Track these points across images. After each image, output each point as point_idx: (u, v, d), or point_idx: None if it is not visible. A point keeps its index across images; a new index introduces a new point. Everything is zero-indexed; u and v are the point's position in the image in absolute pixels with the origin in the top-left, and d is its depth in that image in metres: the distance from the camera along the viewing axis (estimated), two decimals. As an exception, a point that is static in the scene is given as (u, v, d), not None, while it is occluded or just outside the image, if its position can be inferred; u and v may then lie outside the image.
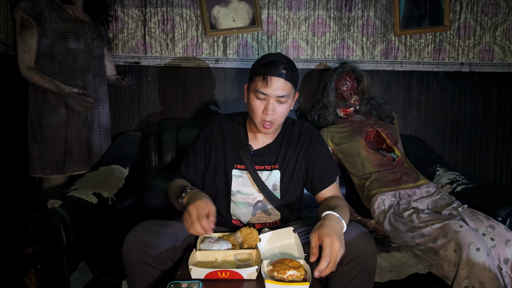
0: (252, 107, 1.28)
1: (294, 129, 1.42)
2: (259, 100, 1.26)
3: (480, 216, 1.56)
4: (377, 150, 1.97)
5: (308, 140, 1.39)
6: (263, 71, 1.24)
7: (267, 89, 1.23)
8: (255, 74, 1.27)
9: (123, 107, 2.33)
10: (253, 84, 1.27)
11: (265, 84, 1.23)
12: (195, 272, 1.00)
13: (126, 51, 2.31)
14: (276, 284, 0.96)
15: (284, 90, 1.24)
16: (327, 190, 1.35)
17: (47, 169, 1.90)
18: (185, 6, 2.30)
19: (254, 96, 1.27)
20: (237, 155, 1.37)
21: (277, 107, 1.26)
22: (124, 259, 1.17)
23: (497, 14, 2.44)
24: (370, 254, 1.14)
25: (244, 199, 1.37)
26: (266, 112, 1.25)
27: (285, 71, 1.23)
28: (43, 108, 1.88)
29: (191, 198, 1.16)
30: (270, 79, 1.23)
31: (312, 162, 1.38)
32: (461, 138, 2.51)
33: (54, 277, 1.44)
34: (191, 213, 1.08)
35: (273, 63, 1.23)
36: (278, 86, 1.23)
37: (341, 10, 2.37)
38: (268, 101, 1.25)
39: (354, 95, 2.10)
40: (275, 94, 1.24)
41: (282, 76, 1.23)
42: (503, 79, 2.49)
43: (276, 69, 1.23)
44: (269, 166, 1.38)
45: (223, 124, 1.41)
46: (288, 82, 1.25)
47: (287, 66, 1.25)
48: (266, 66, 1.24)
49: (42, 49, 1.86)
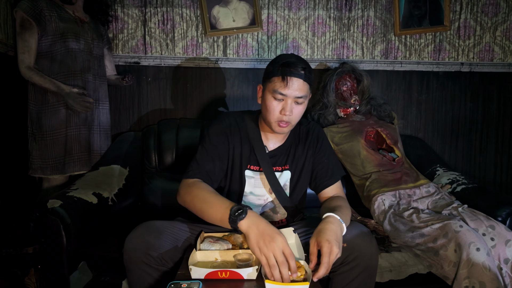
0: (269, 108, 1.26)
1: (301, 129, 1.42)
2: (276, 101, 1.25)
3: (480, 216, 1.56)
4: (377, 150, 1.97)
5: (315, 139, 1.40)
6: (282, 72, 1.23)
7: (286, 90, 1.22)
8: (273, 74, 1.25)
9: (123, 107, 2.33)
10: (271, 84, 1.25)
11: (285, 85, 1.22)
12: (195, 272, 1.00)
13: (126, 51, 2.31)
14: (276, 284, 0.96)
15: (303, 90, 1.24)
16: (330, 189, 1.36)
17: (47, 169, 1.90)
18: (185, 6, 2.30)
19: (271, 97, 1.25)
20: (252, 156, 1.36)
21: (295, 107, 1.25)
22: (125, 260, 1.17)
23: (497, 14, 2.44)
24: (371, 254, 1.14)
25: (255, 201, 1.37)
26: (284, 112, 1.24)
27: (303, 71, 1.23)
28: (43, 108, 1.88)
29: (262, 229, 1.01)
30: (290, 80, 1.22)
31: (318, 160, 1.39)
32: (461, 138, 2.51)
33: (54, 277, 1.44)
34: (276, 255, 0.97)
35: (293, 64, 1.22)
36: (297, 86, 1.23)
37: (341, 10, 2.37)
38: (286, 101, 1.24)
39: (354, 95, 2.10)
40: (294, 94, 1.23)
41: (301, 77, 1.23)
42: (503, 79, 2.49)
43: (296, 70, 1.22)
44: (280, 167, 1.38)
45: (239, 122, 1.38)
46: (306, 83, 1.25)
47: (306, 67, 1.24)
48: (285, 67, 1.23)
49: (42, 49, 1.86)
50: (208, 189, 1.20)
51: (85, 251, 1.51)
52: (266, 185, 1.36)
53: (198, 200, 1.17)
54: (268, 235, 1.00)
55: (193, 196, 1.19)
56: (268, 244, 0.98)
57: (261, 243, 0.99)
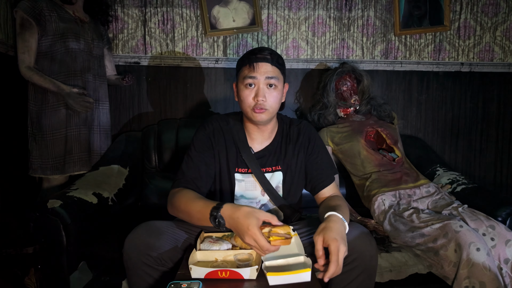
0: (242, 97, 1.26)
1: (292, 129, 1.40)
2: (248, 89, 1.25)
3: (480, 216, 1.56)
4: (377, 150, 1.97)
5: (307, 140, 1.38)
6: (248, 60, 1.25)
7: (255, 73, 1.23)
8: (241, 66, 1.28)
9: (123, 107, 2.33)
10: (241, 74, 1.27)
11: (252, 69, 1.24)
12: (195, 271, 1.00)
13: (126, 51, 2.31)
14: (278, 275, 0.96)
15: (273, 72, 1.24)
16: (327, 190, 1.35)
17: (47, 169, 1.90)
18: (185, 6, 2.30)
19: (243, 87, 1.26)
20: (239, 158, 1.34)
21: (268, 92, 1.25)
22: (124, 261, 1.17)
23: (497, 14, 2.44)
24: (371, 255, 1.14)
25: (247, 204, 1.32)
26: (257, 98, 1.23)
27: (270, 56, 1.25)
28: (43, 108, 1.88)
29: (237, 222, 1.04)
30: (257, 65, 1.24)
31: (311, 162, 1.37)
32: (461, 138, 2.51)
33: (54, 277, 1.44)
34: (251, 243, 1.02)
35: (258, 50, 1.26)
36: (265, 69, 1.24)
37: (341, 10, 2.37)
38: (258, 86, 1.24)
39: (354, 95, 2.10)
40: (264, 76, 1.23)
41: (268, 61, 1.24)
42: (503, 79, 2.49)
43: (262, 55, 1.24)
44: (271, 168, 1.36)
45: (222, 126, 1.37)
46: (275, 67, 1.25)
47: (272, 52, 1.26)
48: (251, 54, 1.26)
49: (42, 49, 1.86)
50: (191, 195, 1.20)
51: (85, 251, 1.50)
52: (258, 187, 1.34)
53: (182, 206, 1.19)
54: (241, 229, 1.02)
55: (177, 205, 1.20)
56: (244, 237, 1.03)
57: (241, 236, 1.04)
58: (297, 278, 0.97)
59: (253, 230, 1.00)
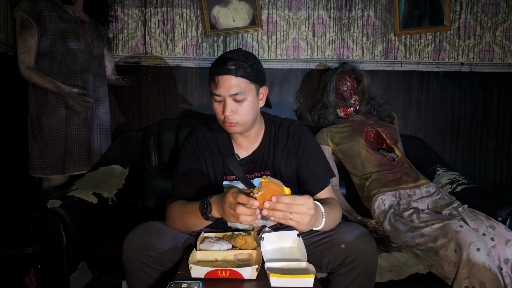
0: (214, 110, 1.21)
1: (281, 131, 1.32)
2: (216, 103, 1.19)
3: (480, 216, 1.56)
4: (377, 150, 1.97)
5: (296, 143, 1.30)
6: (212, 72, 1.18)
7: (219, 90, 1.16)
8: (210, 76, 1.20)
9: (123, 107, 2.33)
10: (210, 87, 1.20)
11: (215, 85, 1.16)
12: (195, 271, 1.00)
13: (126, 51, 2.31)
14: (281, 277, 0.96)
15: (237, 87, 1.15)
16: (321, 194, 1.29)
17: (47, 169, 1.90)
18: (185, 6, 2.30)
19: (212, 100, 1.21)
20: (226, 166, 1.30)
21: (237, 106, 1.17)
22: (124, 261, 1.17)
23: (497, 14, 2.44)
24: (371, 255, 1.14)
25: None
26: (224, 113, 1.17)
27: (233, 67, 1.14)
28: (43, 108, 1.88)
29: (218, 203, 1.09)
30: (219, 79, 1.15)
31: (303, 166, 1.30)
32: (461, 138, 2.51)
33: (54, 277, 1.44)
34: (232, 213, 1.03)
35: (220, 62, 1.16)
36: (228, 84, 1.15)
37: (341, 10, 2.37)
38: (225, 101, 1.17)
39: (354, 95, 2.10)
40: (228, 93, 1.15)
41: (231, 73, 1.14)
42: (503, 79, 2.49)
43: (224, 67, 1.14)
44: (259, 173, 1.31)
45: (206, 134, 1.33)
46: (240, 78, 1.15)
47: (237, 62, 1.15)
48: (213, 67, 1.17)
49: (42, 49, 1.86)
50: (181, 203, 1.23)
51: (85, 251, 1.50)
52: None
53: (178, 217, 1.22)
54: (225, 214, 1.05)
55: (173, 215, 1.24)
56: (226, 211, 1.04)
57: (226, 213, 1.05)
58: (300, 283, 0.97)
59: (228, 197, 1.02)
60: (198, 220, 1.16)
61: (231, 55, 1.17)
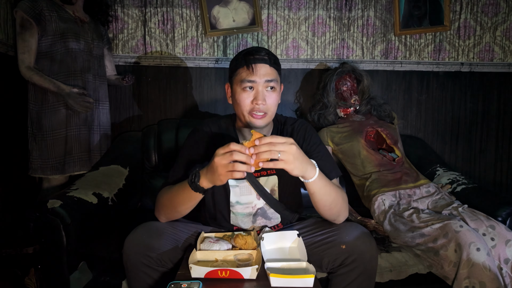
0: (239, 101, 1.21)
1: (286, 128, 1.34)
2: (246, 92, 1.20)
3: (480, 216, 1.56)
4: (377, 150, 1.97)
5: (301, 139, 1.31)
6: (246, 61, 1.20)
7: (254, 76, 1.18)
8: (237, 67, 1.22)
9: (123, 107, 2.33)
10: (237, 77, 1.22)
11: (251, 72, 1.18)
12: (195, 271, 1.00)
13: (126, 51, 2.31)
14: (281, 277, 0.96)
15: (271, 75, 1.20)
16: None
17: (47, 169, 1.90)
18: (185, 6, 2.30)
19: (240, 90, 1.21)
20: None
21: (267, 95, 1.20)
22: (124, 261, 1.17)
23: (497, 14, 2.44)
24: (371, 256, 1.14)
25: (243, 209, 1.31)
26: (256, 102, 1.19)
27: (267, 57, 1.21)
28: (43, 108, 1.88)
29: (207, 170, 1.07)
30: (255, 66, 1.19)
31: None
32: (461, 138, 2.51)
33: (54, 277, 1.44)
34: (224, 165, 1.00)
35: (255, 51, 1.21)
36: (265, 71, 1.19)
37: (341, 10, 2.37)
38: (257, 89, 1.19)
39: (354, 95, 2.10)
40: (263, 79, 1.19)
41: (267, 62, 1.20)
42: (503, 79, 2.49)
43: (259, 55, 1.20)
44: (266, 171, 1.31)
45: (212, 130, 1.33)
46: (273, 68, 1.21)
47: (269, 52, 1.23)
48: (248, 55, 1.21)
49: (42, 49, 1.86)
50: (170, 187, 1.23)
51: (85, 251, 1.50)
52: (253, 191, 1.30)
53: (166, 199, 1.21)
54: (211, 170, 1.04)
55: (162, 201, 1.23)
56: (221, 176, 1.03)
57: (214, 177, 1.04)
58: (300, 283, 0.97)
59: (218, 151, 1.01)
60: (186, 195, 1.13)
61: (259, 47, 1.24)
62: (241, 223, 1.32)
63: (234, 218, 1.32)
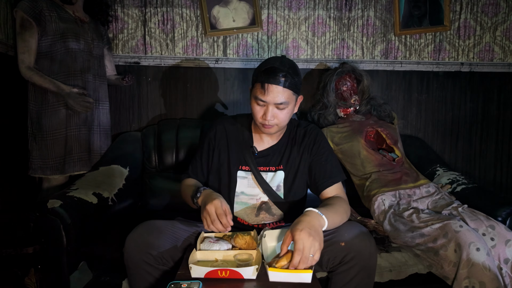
0: (253, 111, 1.31)
1: (299, 131, 1.43)
2: (258, 106, 1.28)
3: (480, 216, 1.56)
4: (377, 150, 1.97)
5: (312, 141, 1.41)
6: (261, 78, 1.25)
7: (265, 97, 1.25)
8: (255, 81, 1.29)
9: (123, 107, 2.33)
10: (254, 90, 1.30)
11: (263, 92, 1.24)
12: (195, 270, 1.00)
13: (126, 51, 2.31)
14: (279, 271, 0.97)
15: (283, 97, 1.25)
16: (330, 190, 1.34)
17: (47, 169, 1.90)
18: (185, 6, 2.30)
19: (254, 102, 1.29)
20: (242, 157, 1.39)
21: (277, 113, 1.28)
22: (125, 260, 1.17)
23: (497, 14, 2.44)
24: (370, 253, 1.14)
25: (247, 200, 1.38)
26: (265, 118, 1.27)
27: (284, 78, 1.23)
28: (43, 108, 1.88)
29: (207, 198, 1.22)
30: (268, 87, 1.24)
31: (315, 162, 1.39)
32: (461, 138, 2.51)
33: (54, 277, 1.44)
34: (210, 211, 1.16)
35: (272, 71, 1.23)
36: (277, 93, 1.24)
37: (341, 10, 2.37)
38: (267, 107, 1.26)
39: (354, 95, 2.10)
40: (273, 101, 1.25)
41: (281, 84, 1.23)
42: (503, 79, 2.49)
43: (275, 77, 1.23)
44: (274, 167, 1.39)
45: (227, 127, 1.45)
46: (287, 89, 1.25)
47: (287, 73, 1.24)
48: (264, 74, 1.24)
49: (42, 49, 1.86)
50: (189, 182, 1.43)
51: (85, 251, 1.50)
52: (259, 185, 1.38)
53: (182, 191, 1.44)
54: (204, 209, 1.18)
55: (182, 190, 1.45)
56: (202, 217, 1.19)
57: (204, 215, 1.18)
58: (298, 277, 0.97)
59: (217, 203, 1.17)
60: (189, 200, 1.34)
61: (281, 66, 1.24)
62: (244, 214, 1.37)
63: (238, 208, 1.38)
